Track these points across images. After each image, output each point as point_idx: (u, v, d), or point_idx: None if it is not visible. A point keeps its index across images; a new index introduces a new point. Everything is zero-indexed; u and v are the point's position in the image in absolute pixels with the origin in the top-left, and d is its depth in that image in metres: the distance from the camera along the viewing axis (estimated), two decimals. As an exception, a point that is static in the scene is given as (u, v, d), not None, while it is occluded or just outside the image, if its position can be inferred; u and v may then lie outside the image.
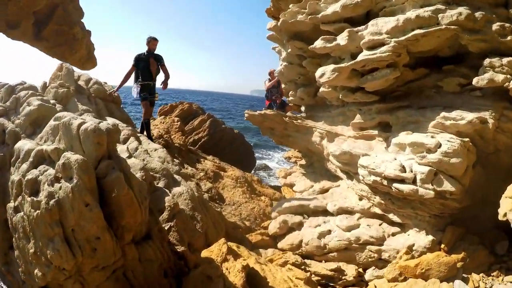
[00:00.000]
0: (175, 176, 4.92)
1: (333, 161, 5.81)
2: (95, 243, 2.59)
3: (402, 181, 4.08)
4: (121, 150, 4.85)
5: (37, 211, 2.59)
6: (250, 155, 16.75)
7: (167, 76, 6.69)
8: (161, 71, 6.77)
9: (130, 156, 4.71)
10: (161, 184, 4.72)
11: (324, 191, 7.33)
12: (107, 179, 2.75)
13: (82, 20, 8.82)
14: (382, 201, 4.72)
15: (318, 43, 5.12)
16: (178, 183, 4.79)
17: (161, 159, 5.30)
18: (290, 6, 5.79)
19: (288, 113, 8.01)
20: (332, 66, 4.99)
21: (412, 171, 4.00)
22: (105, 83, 7.81)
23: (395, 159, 4.41)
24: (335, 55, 5.26)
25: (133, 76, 6.57)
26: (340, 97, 5.67)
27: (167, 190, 4.43)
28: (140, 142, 5.54)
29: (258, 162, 20.41)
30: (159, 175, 4.80)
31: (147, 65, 6.48)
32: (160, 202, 4.29)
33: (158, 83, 6.79)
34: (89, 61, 9.53)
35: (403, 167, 4.11)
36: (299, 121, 7.54)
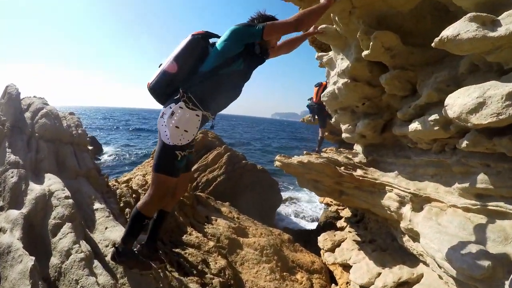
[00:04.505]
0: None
1: (444, 266, 3.08)
2: None
3: None
4: (20, 275, 2.26)
5: None
6: (275, 193, 13.99)
7: None
8: None
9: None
10: None
11: (401, 285, 4.61)
12: None
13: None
14: None
15: (465, 30, 2.25)
16: None
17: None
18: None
19: (341, 158, 5.27)
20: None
21: None
22: (71, 113, 5.33)
23: None
24: (497, 60, 2.43)
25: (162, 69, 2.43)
26: (464, 145, 2.97)
27: None
28: (82, 232, 2.90)
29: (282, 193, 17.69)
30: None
31: (251, 67, 2.56)
32: None
33: None
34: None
35: None
36: (361, 172, 4.79)
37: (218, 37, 2.51)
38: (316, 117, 7.93)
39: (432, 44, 2.45)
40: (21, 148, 3.67)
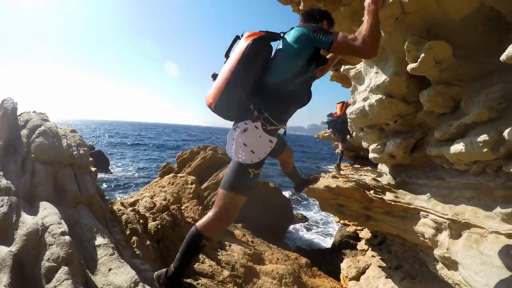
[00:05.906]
0: None
1: None
2: None
3: None
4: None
5: None
6: (287, 211, 13.49)
7: None
8: None
9: None
10: None
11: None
12: None
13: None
14: None
15: None
16: None
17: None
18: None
19: (369, 181, 4.80)
20: None
21: None
22: (73, 131, 4.95)
23: None
24: None
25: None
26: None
27: None
28: (81, 276, 2.47)
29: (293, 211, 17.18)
30: None
31: (313, 77, 2.22)
32: None
33: None
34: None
35: None
36: (391, 196, 4.33)
37: (280, 37, 2.11)
38: (336, 133, 7.63)
39: (501, 58, 2.04)
40: (14, 171, 3.26)
